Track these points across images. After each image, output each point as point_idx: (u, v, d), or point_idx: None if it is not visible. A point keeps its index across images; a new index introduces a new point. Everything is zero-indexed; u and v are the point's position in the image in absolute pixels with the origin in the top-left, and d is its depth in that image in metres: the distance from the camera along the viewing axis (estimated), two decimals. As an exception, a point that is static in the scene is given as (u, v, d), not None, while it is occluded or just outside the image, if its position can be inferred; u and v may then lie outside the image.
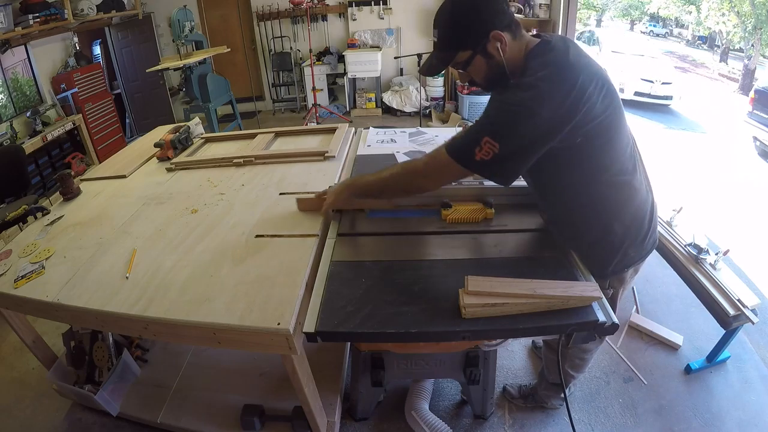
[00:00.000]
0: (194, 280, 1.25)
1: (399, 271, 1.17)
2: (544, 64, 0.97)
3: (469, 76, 1.10)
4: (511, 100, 0.97)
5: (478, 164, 1.00)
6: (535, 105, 0.94)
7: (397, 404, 1.80)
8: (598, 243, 1.19)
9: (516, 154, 0.99)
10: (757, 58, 8.44)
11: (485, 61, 1.04)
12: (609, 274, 1.24)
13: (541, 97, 0.94)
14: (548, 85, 0.95)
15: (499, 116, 1.00)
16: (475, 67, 1.06)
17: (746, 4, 8.40)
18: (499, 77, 1.06)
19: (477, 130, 1.01)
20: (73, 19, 4.41)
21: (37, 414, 1.91)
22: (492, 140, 0.97)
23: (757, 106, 4.85)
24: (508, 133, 0.97)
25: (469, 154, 1.00)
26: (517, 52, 1.04)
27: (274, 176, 1.87)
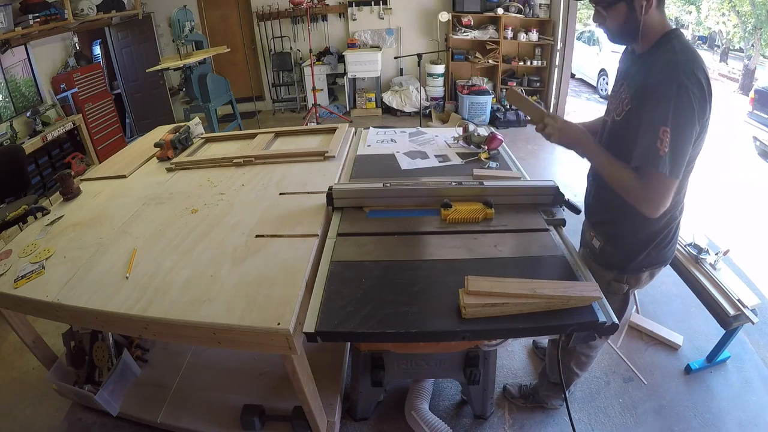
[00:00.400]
0: (194, 280, 1.25)
1: (399, 271, 1.17)
2: (686, 49, 1.02)
3: (604, 19, 1.10)
4: (673, 86, 0.98)
5: (663, 159, 0.99)
6: (696, 89, 0.97)
7: (397, 404, 1.80)
8: (629, 235, 1.23)
9: (683, 141, 1.00)
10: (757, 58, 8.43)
11: (626, 11, 1.06)
12: (629, 269, 1.28)
13: (700, 81, 0.98)
14: (693, 65, 0.99)
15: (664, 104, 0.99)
16: (615, 11, 1.07)
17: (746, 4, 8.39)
18: (630, 34, 1.09)
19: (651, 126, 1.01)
20: (73, 19, 4.41)
21: (37, 414, 1.91)
22: (666, 128, 0.98)
23: (757, 106, 4.84)
24: (678, 118, 0.98)
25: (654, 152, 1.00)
26: (655, 22, 1.06)
27: (274, 176, 1.87)
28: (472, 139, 2.02)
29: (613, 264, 1.28)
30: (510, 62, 5.63)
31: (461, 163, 1.87)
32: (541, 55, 5.58)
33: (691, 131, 1.00)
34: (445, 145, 2.08)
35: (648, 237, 1.22)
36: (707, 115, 1.03)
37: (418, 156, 1.97)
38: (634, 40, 1.10)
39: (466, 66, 5.79)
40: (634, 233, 1.22)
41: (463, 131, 2.08)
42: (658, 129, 0.98)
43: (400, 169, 1.85)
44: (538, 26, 5.44)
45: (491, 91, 5.51)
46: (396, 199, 1.50)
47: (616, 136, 1.17)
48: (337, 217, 1.45)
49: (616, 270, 1.29)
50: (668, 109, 0.98)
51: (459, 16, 5.50)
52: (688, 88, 0.97)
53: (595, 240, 1.32)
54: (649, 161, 1.02)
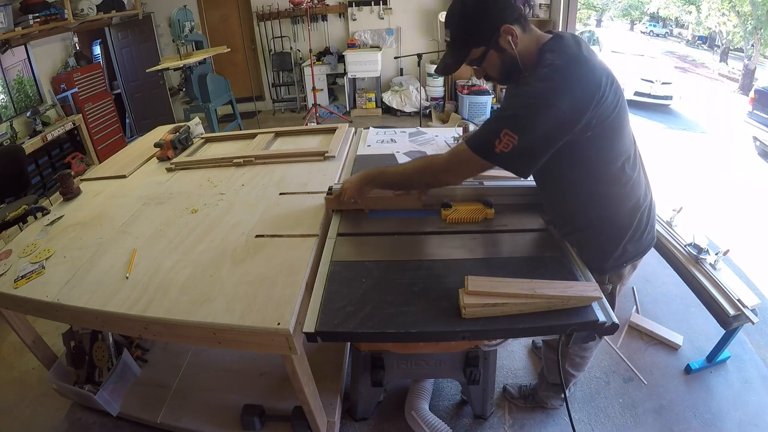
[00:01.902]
0: (194, 280, 1.25)
1: (399, 271, 1.17)
2: (559, 57, 0.99)
3: (484, 71, 1.12)
4: (530, 93, 0.98)
5: (498, 156, 1.00)
6: (554, 97, 0.95)
7: (397, 404, 1.80)
8: (597, 237, 1.21)
9: (535, 146, 1.00)
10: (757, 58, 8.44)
11: (498, 55, 1.07)
12: (608, 269, 1.26)
13: (559, 88, 0.96)
14: (565, 77, 0.96)
15: (518, 108, 1.00)
16: (489, 62, 1.08)
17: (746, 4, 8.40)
18: (514, 70, 1.08)
19: (496, 122, 1.02)
20: (73, 19, 4.41)
21: (37, 414, 1.91)
22: (511, 132, 0.97)
23: (757, 106, 4.84)
24: (527, 124, 0.97)
25: (489, 146, 1.01)
26: (529, 45, 1.06)
27: (274, 176, 1.87)
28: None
29: (592, 267, 1.23)
30: (510, 62, 5.62)
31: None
32: (541, 55, 5.58)
33: (548, 139, 0.99)
34: (445, 145, 2.08)
35: (617, 234, 1.20)
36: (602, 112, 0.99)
37: (418, 156, 1.97)
38: (519, 72, 1.08)
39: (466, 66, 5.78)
40: (602, 234, 1.20)
41: (463, 131, 2.08)
42: (501, 130, 0.98)
43: (400, 169, 1.84)
44: (538, 26, 5.42)
45: (491, 91, 5.51)
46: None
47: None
48: (337, 217, 1.45)
49: (596, 272, 1.25)
50: (519, 116, 0.98)
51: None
52: (550, 100, 0.95)
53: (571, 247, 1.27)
54: (477, 148, 1.04)
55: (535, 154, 1.02)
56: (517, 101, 1.02)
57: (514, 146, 0.98)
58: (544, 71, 0.98)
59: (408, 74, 6.10)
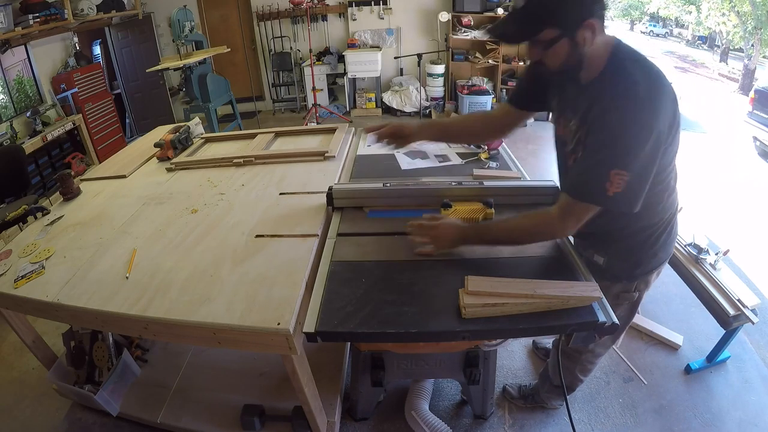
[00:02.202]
0: (194, 280, 1.25)
1: (399, 271, 1.17)
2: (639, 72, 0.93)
3: (542, 56, 0.98)
4: (628, 122, 0.90)
5: (613, 199, 0.94)
6: (654, 121, 0.90)
7: (397, 404, 1.80)
8: (634, 246, 1.20)
9: (644, 176, 0.95)
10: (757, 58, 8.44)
11: (570, 47, 0.93)
12: (638, 275, 1.25)
13: (654, 109, 0.91)
14: (654, 94, 0.92)
15: (620, 143, 0.92)
16: (556, 50, 0.94)
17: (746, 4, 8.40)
18: (574, 68, 0.99)
19: (601, 165, 0.94)
20: (73, 19, 4.41)
21: (37, 414, 1.91)
22: (620, 170, 0.91)
23: (757, 106, 4.84)
24: (634, 158, 0.91)
25: (602, 192, 0.94)
26: (598, 45, 0.95)
27: (274, 176, 1.87)
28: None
29: (621, 276, 1.23)
30: (510, 62, 5.63)
31: (461, 163, 1.87)
32: (541, 55, 5.58)
33: (649, 162, 0.94)
34: (445, 145, 2.08)
35: (653, 241, 1.20)
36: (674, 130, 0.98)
37: (418, 156, 1.97)
38: (577, 72, 1.00)
39: (466, 66, 5.79)
40: (634, 239, 1.19)
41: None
42: (608, 171, 0.91)
43: (400, 169, 1.85)
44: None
45: (491, 91, 5.51)
46: (396, 199, 1.50)
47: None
48: (337, 217, 1.45)
49: (624, 281, 1.25)
50: (625, 151, 0.91)
51: (459, 16, 5.50)
52: (649, 124, 0.90)
53: (597, 257, 1.26)
54: (591, 198, 0.98)
55: (645, 185, 0.96)
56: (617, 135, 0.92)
57: (626, 182, 0.92)
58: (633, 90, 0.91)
59: (408, 74, 6.10)
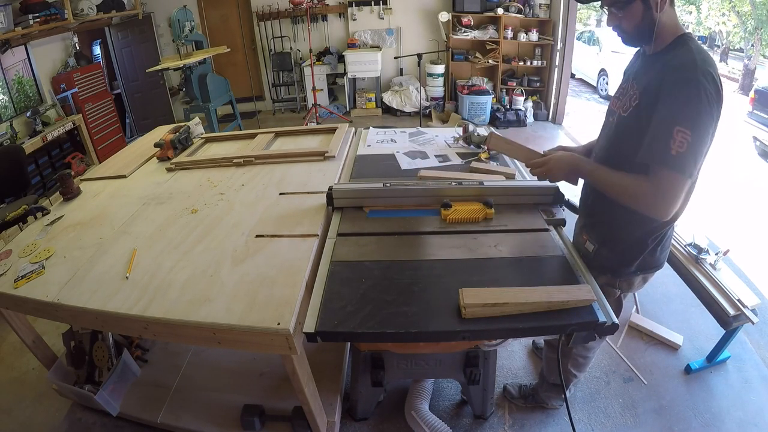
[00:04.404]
0: (194, 280, 1.25)
1: (399, 271, 1.17)
2: (700, 50, 1.00)
3: (620, 20, 1.08)
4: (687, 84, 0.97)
5: (675, 159, 0.97)
6: (713, 90, 0.95)
7: (397, 404, 1.80)
8: (627, 237, 1.22)
9: (702, 142, 0.98)
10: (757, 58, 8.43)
11: (643, 9, 1.03)
12: (622, 274, 1.27)
13: (706, 75, 0.96)
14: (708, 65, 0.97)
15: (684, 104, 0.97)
16: (631, 11, 1.05)
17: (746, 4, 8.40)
18: (645, 33, 1.06)
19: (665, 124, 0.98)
20: (73, 19, 4.41)
21: (37, 414, 1.91)
22: (684, 129, 0.95)
23: (757, 106, 4.84)
24: (697, 119, 0.96)
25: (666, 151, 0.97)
26: (669, 21, 1.05)
27: (274, 176, 1.87)
28: (472, 139, 2.02)
29: (606, 267, 1.25)
30: (510, 62, 5.63)
31: (461, 163, 1.88)
32: (541, 55, 5.58)
33: (708, 131, 0.98)
34: (445, 145, 2.09)
35: (644, 239, 1.20)
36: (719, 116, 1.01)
37: (418, 156, 1.97)
38: (649, 40, 1.07)
39: (466, 66, 5.79)
40: (631, 235, 1.20)
41: (463, 131, 2.08)
42: (672, 128, 0.96)
43: (400, 169, 1.85)
44: (538, 26, 5.44)
45: (491, 91, 5.51)
46: (396, 199, 1.50)
47: (621, 132, 1.15)
48: (337, 217, 1.45)
49: (609, 274, 1.27)
50: (685, 108, 0.96)
51: (459, 16, 5.50)
52: (706, 89, 0.95)
53: (588, 243, 1.29)
54: (658, 159, 1.00)
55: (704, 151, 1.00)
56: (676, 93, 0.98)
57: (688, 143, 0.95)
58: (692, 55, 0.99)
59: (408, 74, 6.10)
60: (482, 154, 1.91)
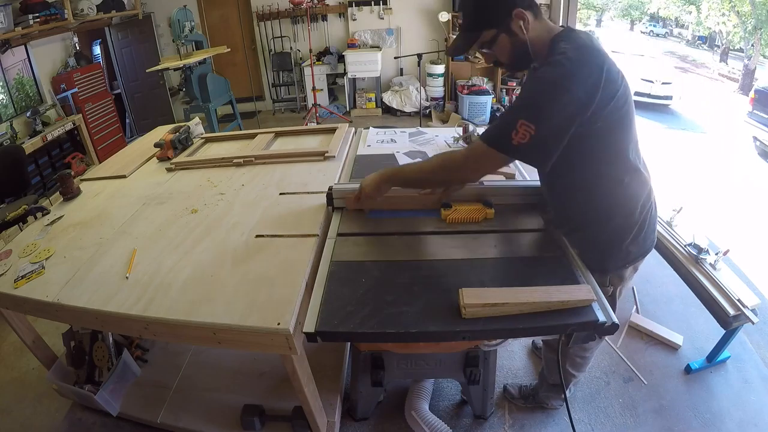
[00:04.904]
0: (194, 280, 1.25)
1: (399, 271, 1.17)
2: (571, 46, 0.99)
3: (494, 56, 1.12)
4: (542, 80, 0.98)
5: (516, 149, 0.99)
6: (567, 82, 0.95)
7: (397, 404, 1.80)
8: (600, 237, 1.21)
9: (552, 135, 0.99)
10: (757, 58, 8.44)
11: (509, 39, 1.07)
12: (610, 269, 1.26)
13: (571, 73, 0.96)
14: (577, 62, 0.97)
15: (531, 97, 1.01)
16: (499, 46, 1.09)
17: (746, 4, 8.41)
18: (523, 57, 1.08)
19: (511, 114, 1.01)
20: (73, 19, 4.41)
21: (37, 414, 1.91)
22: (527, 122, 0.96)
23: (757, 106, 4.85)
24: (543, 112, 0.97)
25: (506, 139, 0.99)
26: (540, 33, 1.06)
27: (274, 176, 1.87)
28: (472, 139, 2.02)
29: (593, 267, 1.22)
30: (510, 62, 5.62)
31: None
32: (541, 55, 5.58)
33: (563, 127, 0.98)
34: (445, 145, 2.08)
35: (620, 234, 1.20)
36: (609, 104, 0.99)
37: (418, 156, 1.97)
38: (529, 60, 1.09)
39: (466, 66, 5.79)
40: (604, 233, 1.21)
41: (463, 131, 2.08)
42: (517, 120, 0.97)
43: (400, 169, 1.84)
44: (538, 26, 5.44)
45: (491, 91, 5.51)
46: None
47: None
48: (337, 217, 1.45)
49: (597, 273, 1.24)
50: (535, 104, 0.98)
51: (459, 16, 5.50)
52: (563, 86, 0.94)
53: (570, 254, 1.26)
54: (494, 141, 1.03)
55: (552, 144, 1.00)
56: (530, 90, 1.03)
57: (531, 136, 0.96)
58: (557, 58, 0.98)
59: (408, 74, 6.10)
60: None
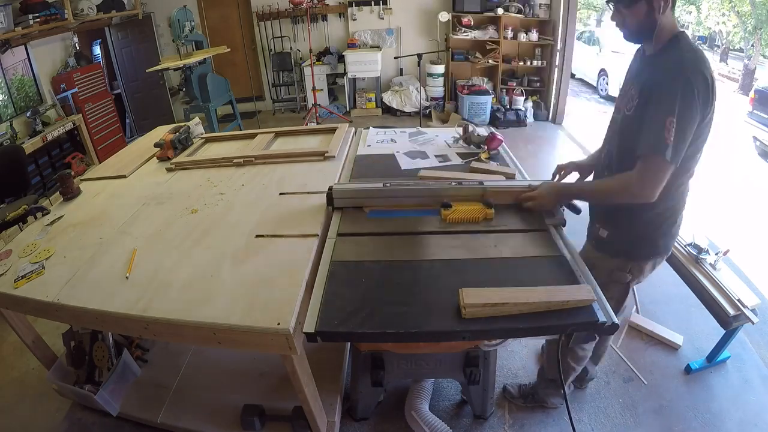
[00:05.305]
0: (194, 280, 1.25)
1: (399, 271, 1.17)
2: (692, 48, 1.09)
3: (624, 17, 1.16)
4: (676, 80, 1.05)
5: (670, 147, 1.05)
6: (695, 81, 1.03)
7: (397, 404, 1.80)
8: (637, 224, 1.28)
9: (685, 130, 1.06)
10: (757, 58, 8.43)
11: (646, 9, 1.11)
12: (634, 258, 1.33)
13: (697, 75, 1.04)
14: (699, 62, 1.06)
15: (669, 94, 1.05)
16: (635, 9, 1.12)
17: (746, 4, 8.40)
18: (647, 33, 1.14)
19: (657, 117, 1.07)
20: (73, 19, 4.41)
21: (37, 414, 1.91)
22: (671, 117, 1.04)
23: (757, 106, 4.84)
24: (679, 106, 1.04)
25: (662, 141, 1.05)
26: (667, 23, 1.12)
27: (274, 176, 1.87)
28: (472, 139, 2.02)
29: (620, 251, 1.32)
30: (510, 62, 5.63)
31: (461, 163, 1.87)
32: (541, 55, 5.58)
33: (692, 123, 1.06)
34: (445, 145, 2.08)
35: (657, 223, 1.26)
36: (710, 110, 1.08)
37: (418, 156, 1.97)
38: (648, 38, 1.15)
39: (466, 66, 5.79)
40: (640, 217, 1.26)
41: (463, 131, 2.08)
42: (665, 120, 1.04)
43: (400, 169, 1.85)
44: (538, 26, 5.44)
45: (491, 91, 5.51)
46: (396, 199, 1.50)
47: (626, 130, 1.21)
48: (337, 217, 1.45)
49: (623, 257, 1.33)
50: (674, 101, 1.04)
51: (459, 16, 5.50)
52: (692, 83, 1.03)
53: (602, 230, 1.35)
54: (654, 148, 1.07)
55: (688, 138, 1.07)
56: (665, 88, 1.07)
57: (674, 130, 1.04)
58: (685, 54, 1.07)
59: (408, 74, 6.10)
60: (482, 154, 1.91)
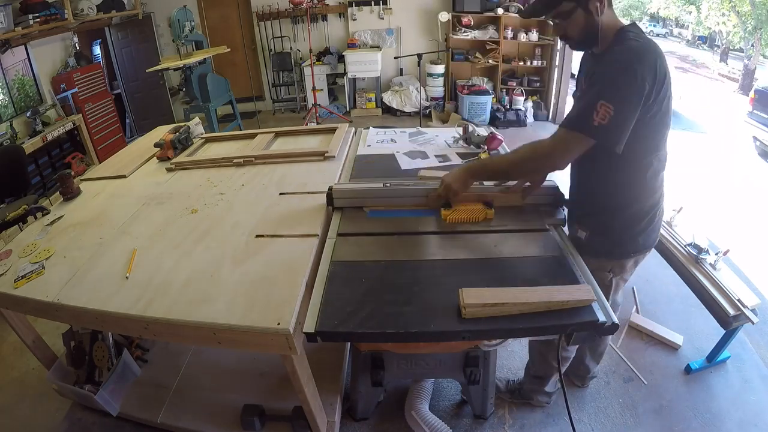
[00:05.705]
0: (194, 280, 1.25)
1: (399, 271, 1.17)
2: (636, 39, 1.10)
3: (564, 30, 1.18)
4: (617, 63, 1.06)
5: (596, 129, 1.06)
6: (638, 66, 1.04)
7: (397, 404, 1.80)
8: (614, 223, 1.28)
9: (628, 115, 1.06)
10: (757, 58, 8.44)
11: (584, 16, 1.13)
12: (615, 256, 1.32)
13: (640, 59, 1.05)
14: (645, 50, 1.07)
15: (609, 80, 1.07)
16: (574, 21, 1.15)
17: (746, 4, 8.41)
18: (591, 37, 1.16)
19: (590, 97, 1.08)
20: (73, 19, 4.41)
21: (37, 414, 1.91)
22: (607, 103, 1.04)
23: (757, 106, 4.84)
24: (620, 93, 1.04)
25: (588, 121, 1.06)
26: (609, 21, 1.14)
27: (274, 176, 1.87)
28: (472, 139, 2.02)
29: (600, 251, 1.30)
30: (510, 62, 5.63)
31: (461, 164, 1.87)
32: (541, 55, 5.58)
33: (634, 110, 1.06)
34: (445, 145, 2.09)
35: (634, 221, 1.27)
36: (662, 102, 1.10)
37: (418, 156, 1.97)
38: (594, 43, 1.17)
39: (466, 66, 5.79)
40: (620, 218, 1.27)
41: (463, 131, 2.08)
42: (596, 103, 1.04)
43: (400, 169, 1.85)
44: (538, 26, 5.44)
45: (491, 91, 5.51)
46: (396, 199, 1.50)
47: None
48: (337, 217, 1.45)
49: (603, 257, 1.32)
50: (613, 88, 1.05)
51: (459, 16, 5.50)
52: (635, 72, 1.04)
53: (580, 231, 1.34)
54: (573, 125, 1.10)
55: (628, 124, 1.07)
56: (606, 74, 1.08)
57: (610, 117, 1.03)
58: (629, 44, 1.08)
59: (408, 74, 6.10)
60: (482, 154, 1.91)
